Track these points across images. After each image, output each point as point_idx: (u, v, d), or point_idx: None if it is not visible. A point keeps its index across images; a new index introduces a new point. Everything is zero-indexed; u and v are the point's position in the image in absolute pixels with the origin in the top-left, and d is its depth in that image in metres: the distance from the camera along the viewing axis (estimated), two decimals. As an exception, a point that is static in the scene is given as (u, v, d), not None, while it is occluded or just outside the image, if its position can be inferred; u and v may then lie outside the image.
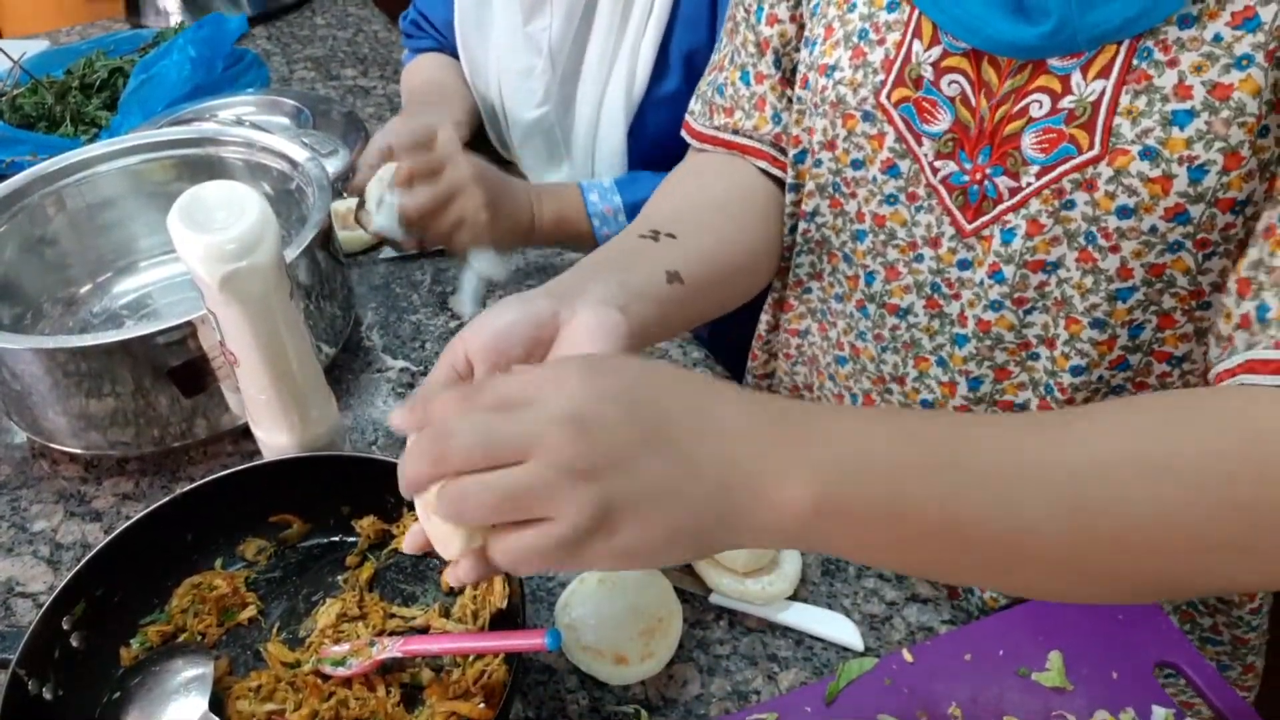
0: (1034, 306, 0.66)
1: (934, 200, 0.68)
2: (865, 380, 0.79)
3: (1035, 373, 0.69)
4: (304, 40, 1.64)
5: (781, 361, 0.91)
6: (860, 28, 0.68)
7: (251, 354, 0.70)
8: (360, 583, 0.71)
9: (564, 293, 0.59)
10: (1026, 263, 0.65)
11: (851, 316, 0.78)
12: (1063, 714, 0.63)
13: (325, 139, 1.03)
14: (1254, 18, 0.54)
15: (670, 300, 0.65)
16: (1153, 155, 0.57)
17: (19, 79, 1.37)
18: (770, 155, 0.79)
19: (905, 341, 0.74)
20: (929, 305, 0.71)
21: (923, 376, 0.74)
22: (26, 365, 0.78)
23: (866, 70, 0.68)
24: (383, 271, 1.08)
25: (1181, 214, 0.58)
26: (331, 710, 0.62)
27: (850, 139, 0.70)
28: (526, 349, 0.56)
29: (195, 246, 0.64)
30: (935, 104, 0.65)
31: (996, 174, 0.64)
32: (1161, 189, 0.58)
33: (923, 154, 0.67)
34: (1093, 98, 0.59)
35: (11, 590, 0.77)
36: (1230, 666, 0.83)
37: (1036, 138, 0.62)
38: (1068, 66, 0.59)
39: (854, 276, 0.76)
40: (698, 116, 0.84)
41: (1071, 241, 0.63)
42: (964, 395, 0.72)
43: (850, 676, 0.66)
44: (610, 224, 1.01)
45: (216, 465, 0.86)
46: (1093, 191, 0.60)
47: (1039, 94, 0.61)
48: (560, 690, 0.68)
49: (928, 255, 0.70)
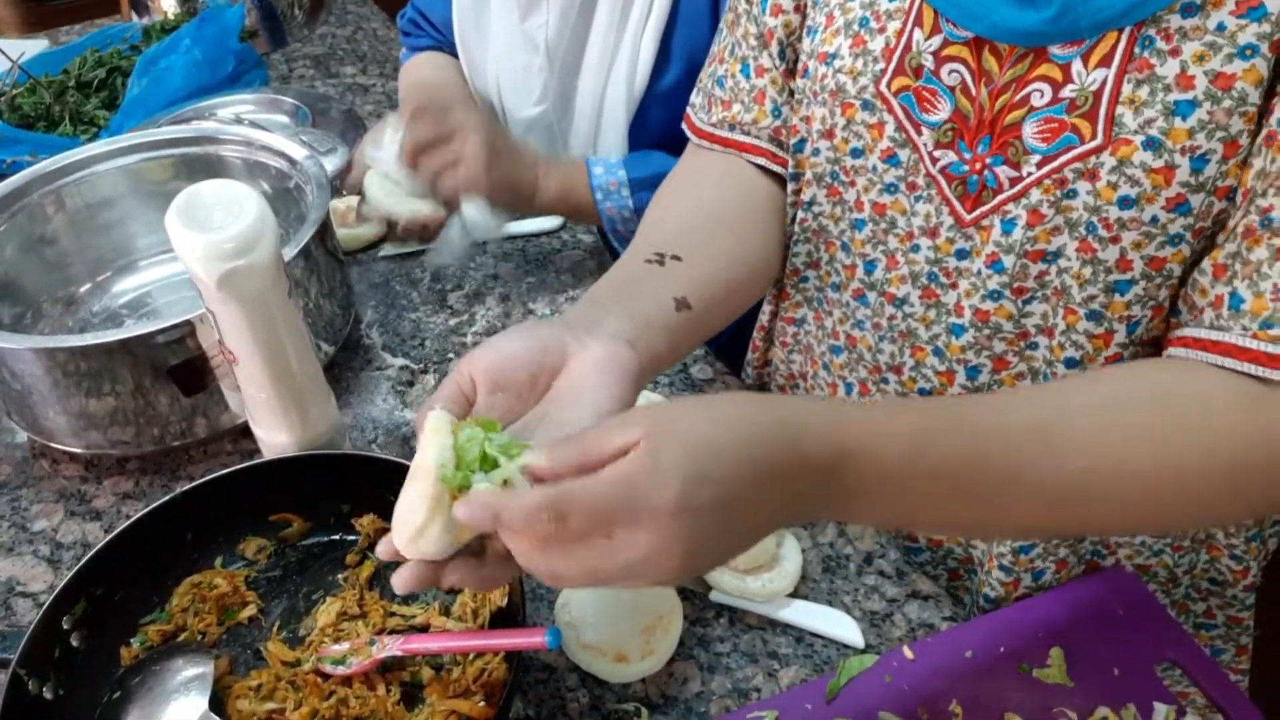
0: (1033, 296, 0.66)
1: (933, 190, 0.68)
2: (861, 370, 0.79)
3: (1034, 362, 0.69)
4: (303, 38, 1.64)
5: (778, 349, 0.92)
6: (861, 16, 0.68)
7: (250, 353, 0.70)
8: (360, 581, 0.71)
9: (575, 323, 0.60)
10: (1027, 252, 0.65)
11: (848, 305, 0.78)
12: (1064, 711, 0.63)
13: (324, 137, 1.03)
14: (1259, 7, 0.54)
15: (679, 328, 0.66)
16: (1156, 145, 0.57)
17: (18, 79, 1.37)
18: (769, 151, 0.79)
19: (902, 331, 0.74)
20: (925, 295, 0.71)
21: (919, 366, 0.74)
22: (26, 365, 0.78)
23: (866, 59, 0.68)
24: (382, 269, 1.08)
25: (1183, 204, 0.58)
26: (332, 709, 0.62)
27: (849, 127, 0.70)
28: (530, 375, 0.57)
29: (193, 245, 0.64)
30: (935, 93, 0.65)
31: (996, 164, 0.64)
32: (1164, 179, 0.58)
33: (922, 143, 0.67)
34: (1094, 87, 0.59)
35: (12, 590, 0.77)
36: (1223, 650, 0.83)
37: (1038, 127, 0.61)
38: (1068, 55, 0.59)
39: (851, 265, 0.76)
40: (698, 110, 0.84)
41: (1072, 231, 0.62)
42: (961, 384, 0.72)
43: (851, 674, 0.66)
44: (613, 198, 1.01)
45: (216, 464, 0.86)
46: (1095, 181, 0.60)
47: (1040, 83, 0.61)
48: (560, 688, 0.68)
49: (925, 245, 0.70)
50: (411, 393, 0.92)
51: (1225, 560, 0.77)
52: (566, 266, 1.07)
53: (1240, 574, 0.78)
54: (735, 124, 0.80)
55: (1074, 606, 0.69)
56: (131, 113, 1.26)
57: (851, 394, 0.81)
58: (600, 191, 1.01)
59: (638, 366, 0.58)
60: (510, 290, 1.04)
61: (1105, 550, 0.76)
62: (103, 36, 1.52)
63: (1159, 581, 0.78)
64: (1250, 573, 0.78)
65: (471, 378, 0.56)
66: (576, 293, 1.03)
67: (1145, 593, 0.71)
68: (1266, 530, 0.77)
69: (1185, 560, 0.77)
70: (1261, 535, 0.76)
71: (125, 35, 1.51)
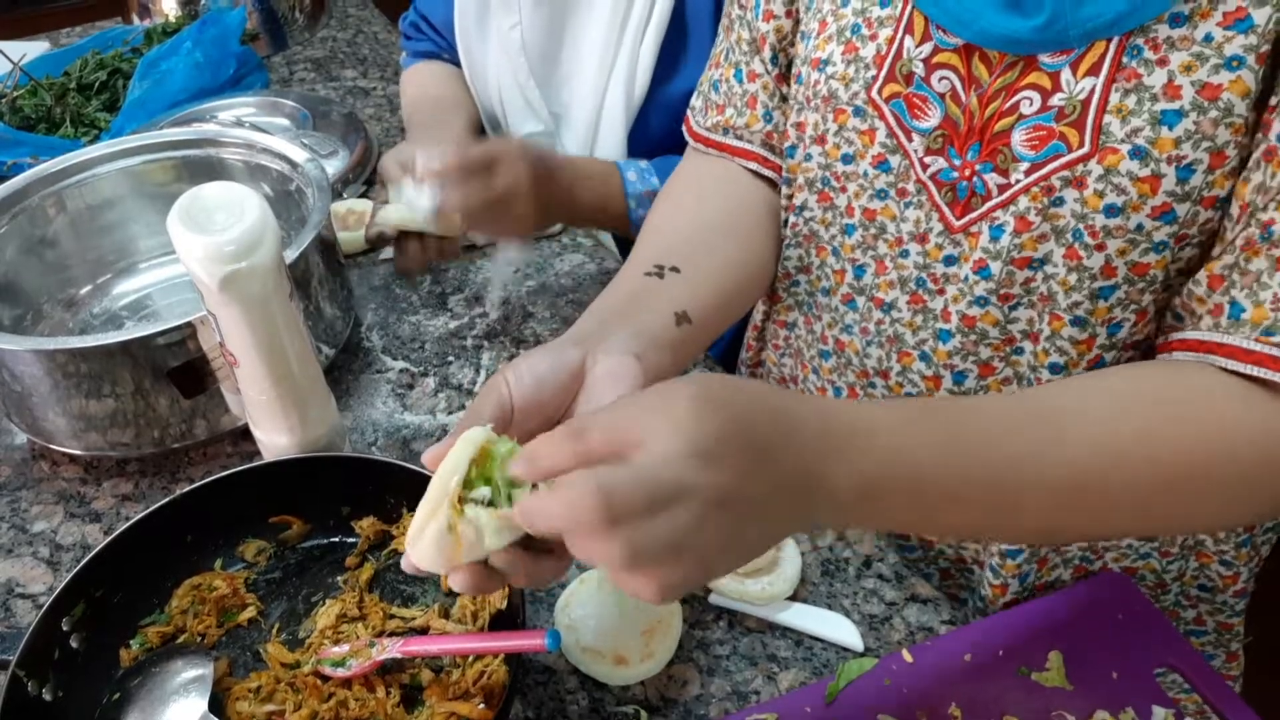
0: (1019, 302, 0.67)
1: (923, 196, 0.68)
2: (850, 374, 0.80)
3: (1019, 367, 0.70)
4: (304, 41, 1.64)
5: (770, 352, 0.92)
6: (853, 23, 0.69)
7: (251, 355, 0.70)
8: (360, 583, 0.71)
9: (585, 339, 0.61)
10: (1014, 259, 0.65)
11: (837, 310, 0.78)
12: (1062, 714, 0.63)
13: (325, 140, 1.03)
14: (1246, 19, 0.54)
15: (680, 342, 0.67)
16: (1142, 155, 0.58)
17: (19, 81, 1.37)
18: (760, 156, 0.80)
19: (889, 336, 0.74)
20: (913, 300, 0.72)
21: (906, 371, 0.74)
22: (27, 366, 0.79)
23: (858, 65, 0.68)
24: (382, 273, 1.08)
25: (1168, 213, 0.59)
26: (331, 711, 0.62)
27: (841, 133, 0.71)
28: (559, 400, 0.58)
29: (195, 248, 0.64)
30: (925, 100, 0.66)
31: (986, 170, 0.64)
32: (1150, 188, 0.58)
33: (913, 150, 0.67)
34: (1082, 95, 0.59)
35: (11, 591, 0.77)
36: (1214, 656, 0.84)
37: (1026, 134, 0.62)
38: (1058, 63, 0.60)
39: (841, 270, 0.77)
40: (697, 113, 0.85)
41: (1059, 238, 0.63)
42: (948, 389, 0.72)
43: (850, 677, 0.66)
44: (646, 206, 1.00)
45: (216, 466, 0.86)
46: (1082, 189, 0.60)
47: (1029, 91, 0.61)
48: (560, 691, 0.68)
49: (914, 251, 0.70)
50: (411, 396, 0.92)
51: (1215, 566, 0.77)
52: (565, 270, 1.07)
53: (1230, 580, 0.78)
54: (729, 128, 0.81)
55: (1073, 610, 0.69)
56: (132, 115, 1.26)
57: (840, 398, 0.82)
58: (634, 199, 1.00)
59: (645, 380, 0.59)
60: (510, 294, 1.04)
61: (1093, 555, 0.76)
62: (104, 39, 1.52)
63: (1147, 586, 0.78)
64: (1241, 579, 0.78)
65: (512, 403, 0.56)
66: (575, 296, 1.03)
67: (1144, 597, 0.71)
68: (1258, 537, 0.77)
69: (1174, 566, 0.77)
70: (1253, 541, 0.76)
71: (126, 38, 1.51)
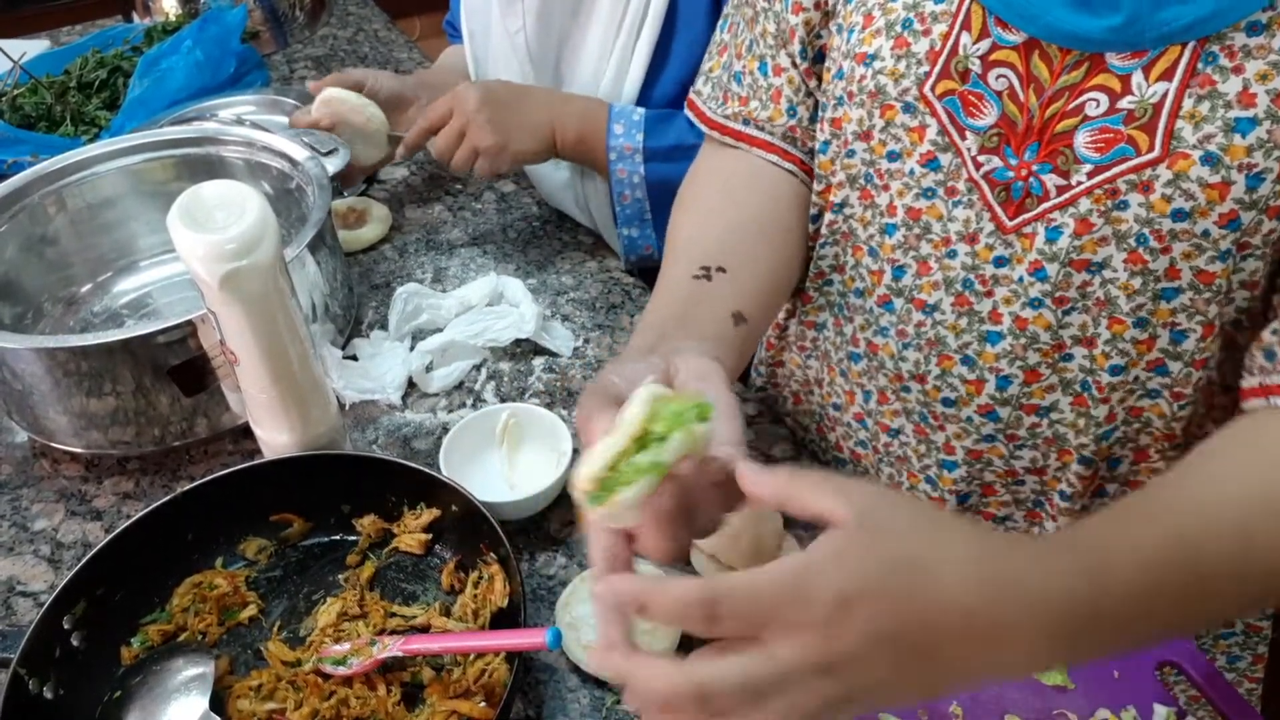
0: (1074, 306, 0.66)
1: (975, 195, 0.67)
2: (881, 377, 0.78)
3: (1067, 374, 0.69)
4: (304, 40, 1.64)
5: (795, 354, 0.91)
6: (904, 17, 0.68)
7: (252, 353, 0.70)
8: (361, 582, 0.71)
9: (654, 349, 0.60)
10: (1072, 261, 0.65)
11: (871, 312, 0.77)
12: (1064, 713, 0.63)
13: (325, 138, 1.03)
14: None
15: (739, 342, 0.67)
16: (1214, 161, 0.57)
17: (19, 79, 1.37)
18: (780, 149, 0.80)
19: (930, 339, 0.73)
20: (958, 302, 0.71)
21: (945, 374, 0.73)
22: (27, 365, 0.79)
23: (909, 61, 0.67)
24: (383, 270, 1.08)
25: (1234, 220, 0.59)
26: (332, 709, 0.63)
27: (888, 130, 0.70)
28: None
29: (195, 246, 0.64)
30: (981, 97, 0.65)
31: (1044, 171, 0.64)
32: (1219, 194, 0.58)
33: (965, 148, 0.67)
34: (1154, 99, 0.59)
35: (12, 589, 0.77)
36: (1240, 657, 0.83)
37: (1091, 136, 0.61)
38: (1129, 66, 0.59)
39: (878, 271, 0.75)
40: (707, 99, 0.84)
41: (1121, 242, 0.62)
42: (990, 394, 0.71)
43: (851, 675, 0.65)
44: (626, 161, 1.00)
45: (217, 464, 0.86)
46: (1149, 194, 0.60)
47: (1096, 92, 0.61)
48: (561, 689, 0.68)
49: (962, 251, 0.69)
50: (412, 394, 0.92)
51: None
52: (568, 269, 1.07)
53: None
54: (750, 119, 0.80)
55: (1074, 608, 0.69)
56: (133, 113, 1.26)
57: (869, 402, 0.81)
58: (615, 152, 1.00)
59: (729, 379, 0.57)
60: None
61: None
62: (104, 37, 1.52)
63: None
64: None
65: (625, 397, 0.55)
66: (578, 295, 1.03)
67: (1145, 595, 0.71)
68: None
69: None
70: None
71: (127, 36, 1.51)
